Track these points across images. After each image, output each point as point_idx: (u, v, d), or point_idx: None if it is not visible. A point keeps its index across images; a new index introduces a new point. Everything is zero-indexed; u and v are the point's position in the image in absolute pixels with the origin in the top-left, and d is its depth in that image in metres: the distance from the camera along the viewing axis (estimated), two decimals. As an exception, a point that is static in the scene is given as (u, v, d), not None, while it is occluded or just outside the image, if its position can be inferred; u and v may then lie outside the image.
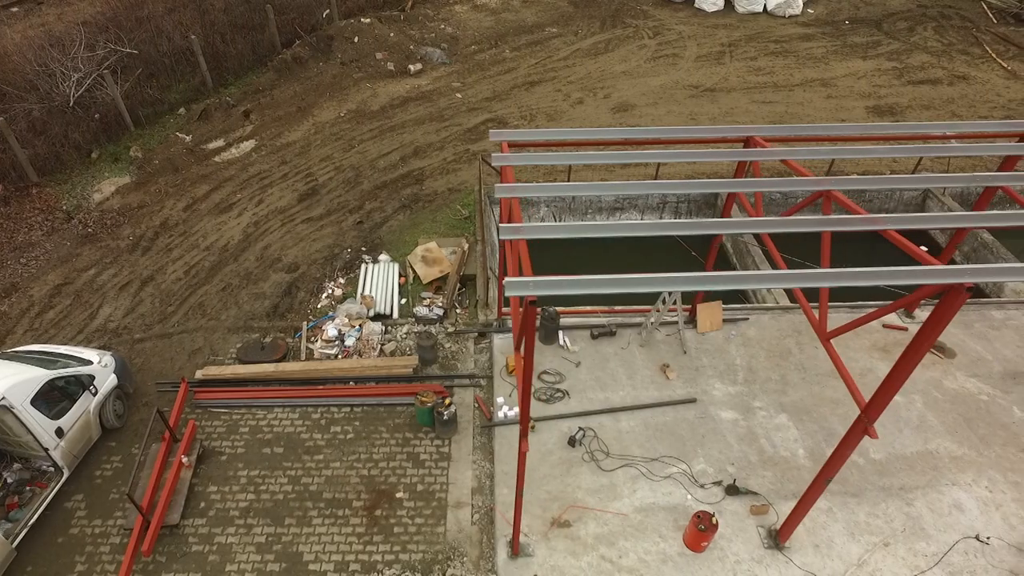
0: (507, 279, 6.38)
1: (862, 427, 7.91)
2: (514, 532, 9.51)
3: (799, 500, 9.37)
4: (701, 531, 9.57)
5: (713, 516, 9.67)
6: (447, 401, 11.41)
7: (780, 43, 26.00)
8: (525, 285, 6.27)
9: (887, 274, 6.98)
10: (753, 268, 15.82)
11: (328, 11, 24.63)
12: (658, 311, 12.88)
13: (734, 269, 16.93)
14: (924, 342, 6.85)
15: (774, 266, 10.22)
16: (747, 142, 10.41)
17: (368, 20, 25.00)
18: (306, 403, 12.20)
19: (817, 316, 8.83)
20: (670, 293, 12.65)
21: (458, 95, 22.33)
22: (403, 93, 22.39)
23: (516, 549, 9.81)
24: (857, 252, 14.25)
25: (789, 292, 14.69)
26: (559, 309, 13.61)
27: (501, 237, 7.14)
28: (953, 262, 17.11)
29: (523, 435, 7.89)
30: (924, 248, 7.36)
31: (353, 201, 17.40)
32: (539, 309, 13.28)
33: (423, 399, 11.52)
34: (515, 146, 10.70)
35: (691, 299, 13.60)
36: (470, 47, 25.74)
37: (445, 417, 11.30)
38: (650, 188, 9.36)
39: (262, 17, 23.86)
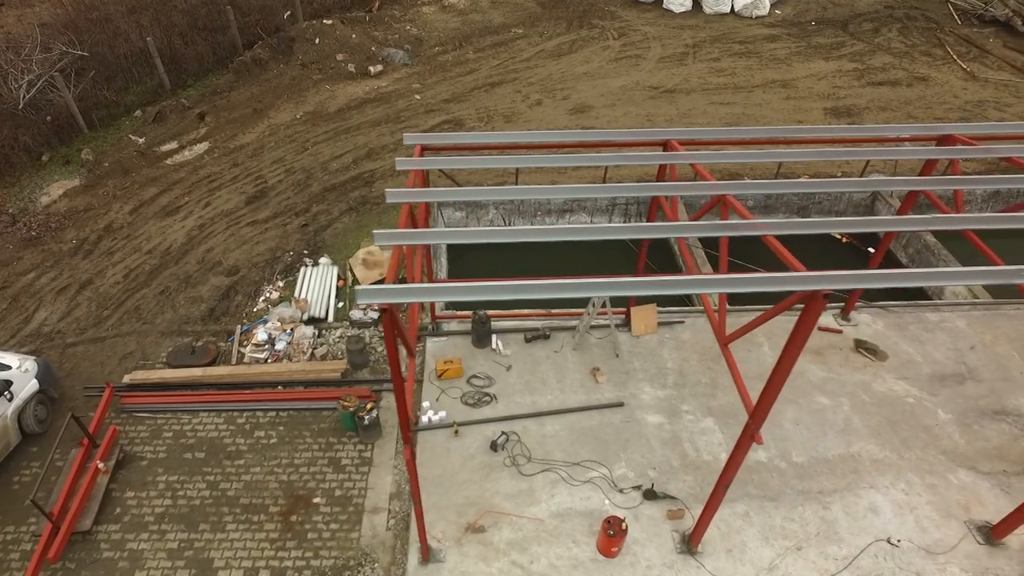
0: (358, 287, 6.34)
1: (749, 434, 7.90)
2: (420, 538, 9.49)
3: (704, 506, 9.36)
4: (610, 536, 9.55)
5: (623, 521, 9.67)
6: (368, 406, 11.38)
7: (744, 44, 25.99)
8: (378, 293, 6.23)
9: (763, 280, 6.95)
10: (696, 271, 15.80)
11: (290, 12, 24.57)
12: (588, 314, 12.85)
13: (679, 271, 16.93)
14: (792, 350, 6.84)
15: (715, 268, 10.21)
16: (665, 146, 10.40)
17: (330, 21, 24.94)
18: (232, 407, 12.15)
19: (717, 320, 8.77)
20: (596, 298, 12.63)
21: (417, 96, 22.29)
22: (362, 95, 22.34)
23: (424, 555, 9.78)
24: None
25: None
26: (492, 313, 13.60)
27: (378, 243, 7.11)
28: (900, 264, 17.15)
29: (405, 441, 7.87)
30: (871, 250, 7.38)
31: (301, 204, 17.36)
32: (472, 312, 13.30)
33: (345, 403, 11.48)
34: (431, 150, 10.67)
35: (626, 302, 13.59)
36: (434, 48, 25.70)
37: (366, 422, 11.27)
38: (550, 193, 9.37)
39: (225, 18, 23.80)
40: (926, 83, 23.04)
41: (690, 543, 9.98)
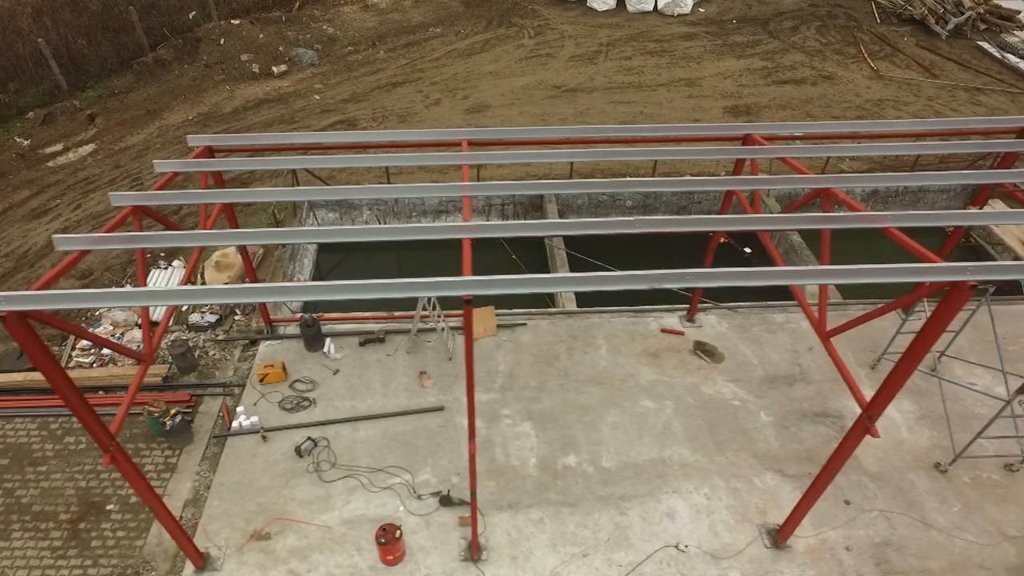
0: (2, 293, 6.18)
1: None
2: (184, 547, 9.34)
3: (470, 512, 9.22)
4: (382, 544, 9.41)
5: (398, 529, 9.53)
6: (173, 411, 11.22)
7: (660, 43, 25.86)
8: (23, 299, 6.08)
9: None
10: (561, 269, 15.66)
11: (195, 12, 24.38)
12: (418, 316, 12.70)
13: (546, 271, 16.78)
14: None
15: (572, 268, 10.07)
16: (461, 144, 10.25)
17: (237, 21, 24.76)
18: (47, 413, 11.99)
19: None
20: (429, 298, 12.49)
21: (316, 97, 22.12)
22: (261, 95, 22.17)
23: (198, 563, 9.64)
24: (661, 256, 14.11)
25: (579, 295, 14.59)
26: (330, 316, 13.46)
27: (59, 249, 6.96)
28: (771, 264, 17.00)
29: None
30: (748, 250, 7.29)
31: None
32: (299, 315, 13.14)
33: (151, 408, 11.32)
34: (222, 151, 10.52)
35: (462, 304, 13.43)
36: (346, 48, 25.53)
37: (168, 427, 11.10)
38: (320, 194, 9.20)
39: (129, 19, 23.60)
40: (831, 81, 22.91)
41: (471, 551, 9.83)
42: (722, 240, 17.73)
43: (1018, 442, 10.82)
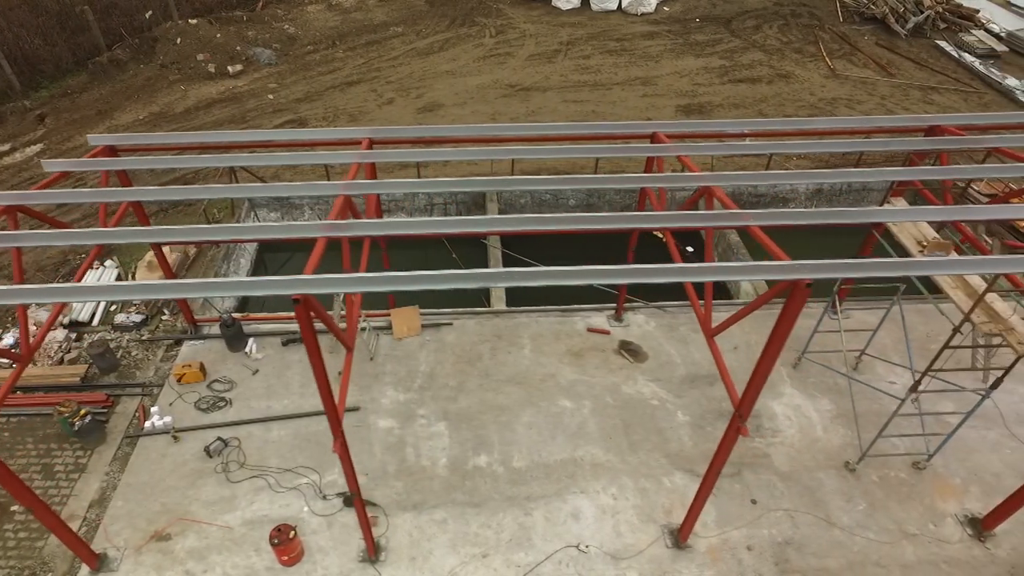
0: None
1: (338, 443, 7.72)
2: (74, 549, 9.29)
3: (371, 513, 9.18)
4: (275, 545, 9.36)
5: (292, 530, 9.48)
6: (82, 411, 11.17)
7: (620, 41, 25.82)
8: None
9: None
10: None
11: (151, 12, 24.33)
12: (336, 315, 12.64)
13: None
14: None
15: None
16: (364, 143, 10.19)
17: (195, 21, 24.70)
18: (-41, 414, 11.94)
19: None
20: (341, 297, 12.43)
21: (270, 96, 22.07)
22: (214, 95, 22.11)
23: (93, 565, 9.59)
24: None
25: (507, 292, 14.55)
26: (255, 316, 13.41)
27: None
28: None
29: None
30: (690, 249, 7.32)
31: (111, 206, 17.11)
32: (219, 316, 13.10)
33: (61, 409, 11.27)
34: (126, 150, 10.49)
35: (387, 304, 13.42)
36: (306, 47, 25.48)
37: (77, 427, 11.06)
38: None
39: (85, 19, 23.52)
40: (787, 80, 22.87)
41: (366, 553, 9.78)
42: (662, 239, 17.80)
43: (924, 439, 10.78)
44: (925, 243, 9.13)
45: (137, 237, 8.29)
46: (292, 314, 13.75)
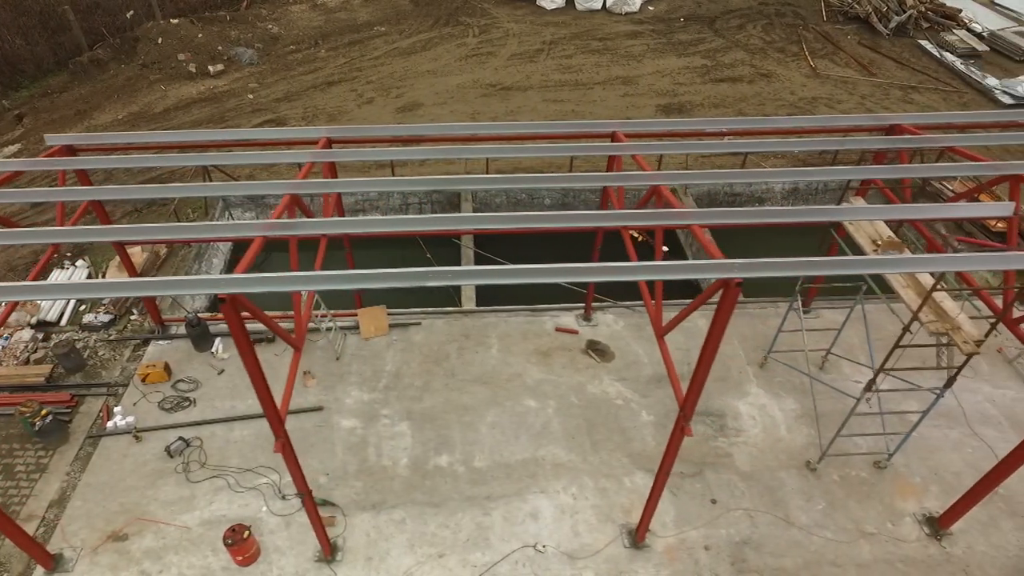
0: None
1: (280, 443, 7.71)
2: (27, 550, 9.27)
3: (310, 516, 9.16)
4: (229, 546, 9.35)
5: (247, 530, 9.47)
6: (43, 411, 11.15)
7: (604, 41, 25.80)
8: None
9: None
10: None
11: (132, 12, 24.31)
12: (315, 316, 12.61)
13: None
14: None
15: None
16: (323, 143, 10.18)
17: (176, 21, 24.68)
18: (-76, 415, 11.92)
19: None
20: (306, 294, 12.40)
21: (250, 96, 22.05)
22: (194, 95, 22.09)
23: (48, 565, 9.58)
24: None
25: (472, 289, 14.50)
26: (219, 316, 13.37)
27: None
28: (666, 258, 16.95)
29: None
30: (666, 248, 7.37)
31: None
32: (185, 315, 13.08)
33: (23, 409, 11.24)
34: (84, 150, 10.49)
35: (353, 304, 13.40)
36: (288, 47, 25.46)
37: (37, 427, 11.04)
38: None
39: (66, 19, 23.52)
40: (768, 79, 22.86)
41: (322, 553, 9.76)
42: (640, 239, 17.79)
43: (884, 439, 10.76)
44: (879, 242, 9.11)
45: (78, 237, 8.25)
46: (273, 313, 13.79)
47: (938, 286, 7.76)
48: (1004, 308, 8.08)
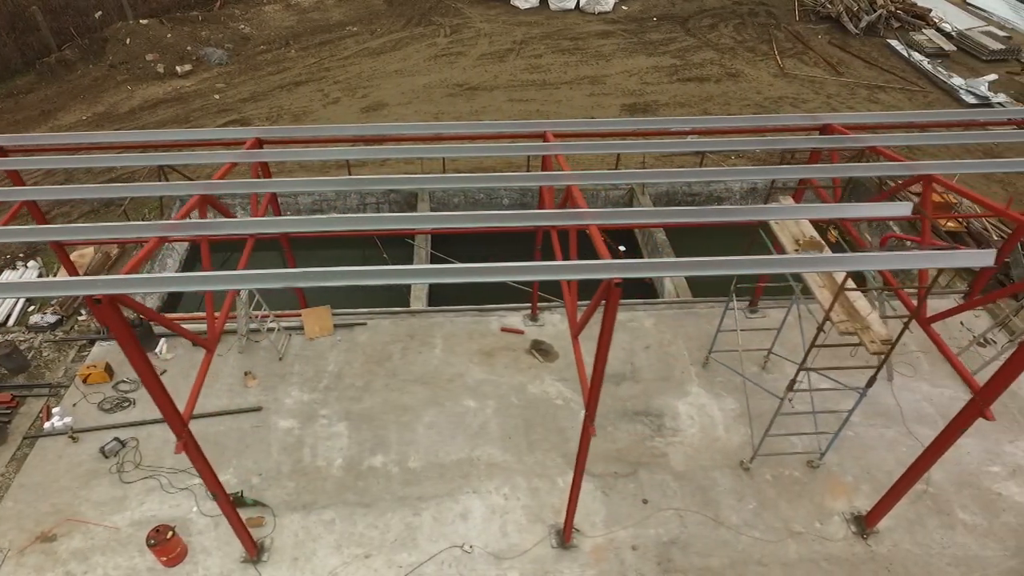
0: None
1: (181, 444, 7.70)
2: (-52, 550, 9.27)
3: (228, 516, 9.16)
4: (151, 546, 9.34)
5: (171, 530, 9.46)
6: (-22, 413, 11.15)
7: (575, 40, 25.80)
8: None
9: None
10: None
11: (100, 12, 24.29)
12: (243, 314, 12.63)
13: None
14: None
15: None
16: (252, 143, 10.17)
17: (145, 21, 24.66)
18: None
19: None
20: (246, 294, 12.43)
21: (216, 96, 22.03)
22: (160, 95, 22.08)
23: (-30, 566, 9.58)
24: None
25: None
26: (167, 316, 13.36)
27: None
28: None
29: None
30: (622, 248, 7.33)
31: (44, 206, 17.06)
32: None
33: (-42, 411, 11.26)
34: (15, 151, 10.49)
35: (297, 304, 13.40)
36: (259, 47, 25.44)
37: (-29, 429, 11.05)
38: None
39: (34, 19, 23.49)
40: (736, 79, 22.86)
41: (246, 553, 9.76)
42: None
43: (816, 438, 10.77)
44: (801, 242, 9.11)
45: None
46: (203, 314, 13.77)
47: (846, 285, 7.76)
48: (916, 306, 8.08)
